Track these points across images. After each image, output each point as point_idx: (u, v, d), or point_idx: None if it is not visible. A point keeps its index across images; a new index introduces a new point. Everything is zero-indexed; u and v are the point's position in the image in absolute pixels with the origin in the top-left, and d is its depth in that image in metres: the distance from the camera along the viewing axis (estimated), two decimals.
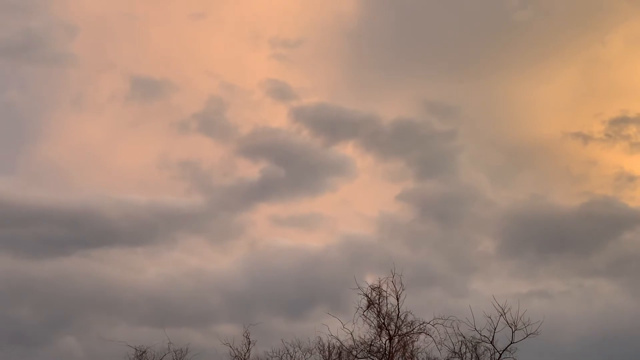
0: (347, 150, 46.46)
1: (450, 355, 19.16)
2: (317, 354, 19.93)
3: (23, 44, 49.50)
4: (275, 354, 20.75)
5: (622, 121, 50.06)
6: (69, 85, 54.67)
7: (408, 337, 19.00)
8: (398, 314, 19.04)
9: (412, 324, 19.04)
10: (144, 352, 21.42)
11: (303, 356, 20.00)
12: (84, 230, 43.35)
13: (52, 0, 56.34)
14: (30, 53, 50.76)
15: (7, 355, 32.38)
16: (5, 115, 53.38)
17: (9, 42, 49.62)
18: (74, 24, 52.99)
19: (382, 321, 19.01)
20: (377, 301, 19.03)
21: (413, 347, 19.07)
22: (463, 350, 19.06)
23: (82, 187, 49.06)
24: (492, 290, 23.65)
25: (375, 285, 19.21)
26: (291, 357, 20.10)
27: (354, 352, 19.12)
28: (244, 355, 20.87)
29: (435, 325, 18.92)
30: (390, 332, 19.03)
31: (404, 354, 18.96)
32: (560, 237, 41.22)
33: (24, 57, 51.13)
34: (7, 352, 32.54)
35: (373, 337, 19.11)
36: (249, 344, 20.86)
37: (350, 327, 19.15)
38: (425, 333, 18.92)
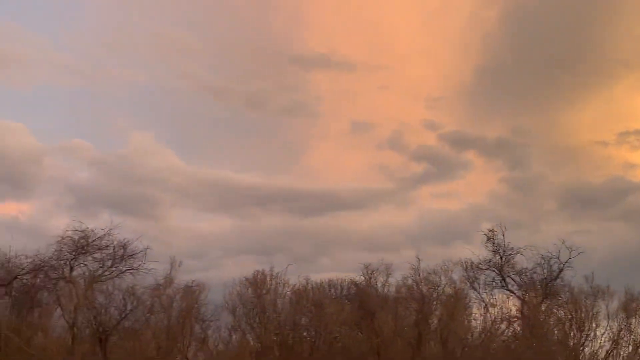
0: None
1: (534, 265, 34.03)
2: (460, 267, 34.75)
3: None
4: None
5: None
6: None
7: (510, 256, 34.00)
8: (504, 243, 34.19)
9: (512, 248, 34.06)
10: None
11: (453, 268, 34.70)
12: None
13: None
14: None
15: None
16: None
17: None
18: None
19: (495, 248, 34.14)
20: (492, 236, 34.26)
21: (513, 261, 34.06)
22: (542, 262, 33.98)
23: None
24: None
25: (490, 229, 34.47)
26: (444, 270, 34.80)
27: (480, 266, 34.15)
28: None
29: (525, 249, 33.95)
30: (500, 253, 34.07)
31: (507, 265, 33.94)
32: None
33: None
34: None
35: (490, 257, 34.25)
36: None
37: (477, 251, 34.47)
38: (520, 253, 33.94)
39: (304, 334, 33.30)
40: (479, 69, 68.17)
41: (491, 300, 34.08)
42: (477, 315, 34.61)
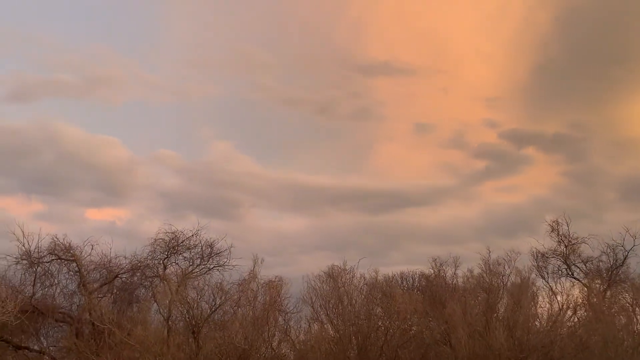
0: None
1: (599, 254, 35.28)
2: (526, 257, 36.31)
3: None
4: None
5: None
6: None
7: (575, 245, 35.31)
8: (568, 233, 35.51)
9: (576, 238, 35.37)
10: None
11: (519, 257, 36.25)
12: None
13: None
14: None
15: None
16: None
17: None
18: None
19: (560, 238, 35.47)
20: (556, 227, 35.60)
21: (579, 250, 35.40)
22: (607, 251, 35.16)
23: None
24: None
25: (554, 220, 35.83)
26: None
27: (546, 255, 35.59)
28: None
29: (589, 238, 35.22)
30: (565, 243, 35.39)
31: (573, 254, 35.30)
32: None
33: None
34: None
35: (555, 246, 35.63)
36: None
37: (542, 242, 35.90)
38: (585, 242, 35.21)
39: (379, 323, 35.28)
40: (534, 69, 71.82)
41: (557, 288, 35.61)
42: (543, 303, 36.15)
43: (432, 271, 36.51)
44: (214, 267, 33.16)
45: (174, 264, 33.24)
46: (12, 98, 78.10)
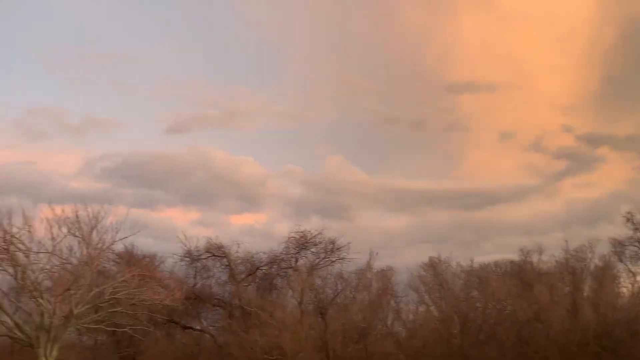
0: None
1: None
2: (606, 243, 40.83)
3: None
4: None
5: None
6: None
7: None
8: None
9: None
10: None
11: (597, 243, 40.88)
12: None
13: None
14: None
15: None
16: None
17: None
18: None
19: (636, 226, 39.94)
20: (631, 217, 40.11)
21: None
22: None
23: None
24: None
25: (629, 211, 40.28)
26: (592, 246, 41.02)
27: (624, 242, 40.05)
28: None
29: None
30: None
31: None
32: None
33: None
34: None
35: (631, 234, 40.09)
36: None
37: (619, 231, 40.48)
38: None
39: (476, 304, 40.87)
40: (604, 79, 78.81)
41: (637, 270, 40.14)
42: (625, 283, 40.73)
43: (521, 258, 41.68)
44: (336, 259, 39.78)
45: (303, 257, 40.23)
46: (171, 131, 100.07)
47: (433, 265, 41.57)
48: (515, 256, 42.53)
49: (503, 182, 74.14)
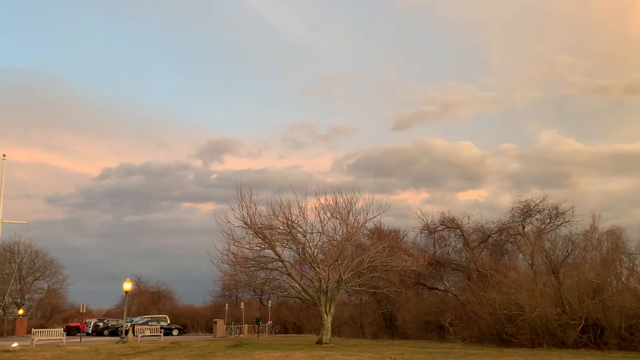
0: None
1: None
2: None
3: None
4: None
5: None
6: None
7: None
8: None
9: None
10: None
11: None
12: None
13: None
14: None
15: None
16: None
17: None
18: None
19: None
20: None
21: None
22: None
23: None
24: None
25: None
26: None
27: None
28: None
29: None
30: None
31: None
32: None
33: None
34: None
35: None
36: None
37: None
38: None
39: None
40: None
41: None
42: None
43: None
44: (561, 223, 42.83)
45: (529, 224, 44.04)
46: (396, 128, 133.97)
47: None
48: None
49: None
